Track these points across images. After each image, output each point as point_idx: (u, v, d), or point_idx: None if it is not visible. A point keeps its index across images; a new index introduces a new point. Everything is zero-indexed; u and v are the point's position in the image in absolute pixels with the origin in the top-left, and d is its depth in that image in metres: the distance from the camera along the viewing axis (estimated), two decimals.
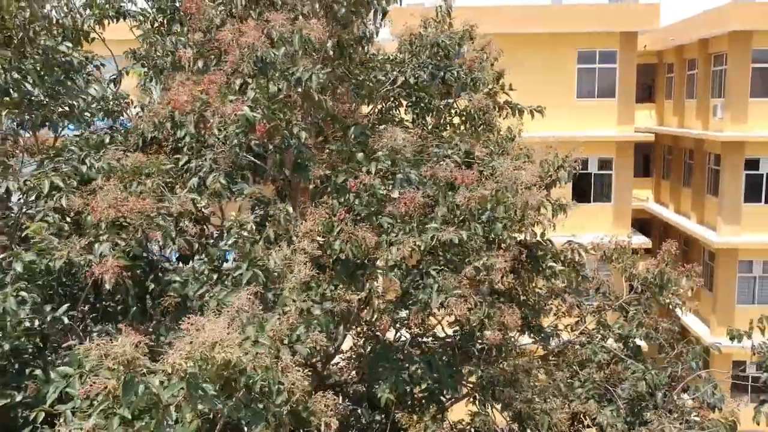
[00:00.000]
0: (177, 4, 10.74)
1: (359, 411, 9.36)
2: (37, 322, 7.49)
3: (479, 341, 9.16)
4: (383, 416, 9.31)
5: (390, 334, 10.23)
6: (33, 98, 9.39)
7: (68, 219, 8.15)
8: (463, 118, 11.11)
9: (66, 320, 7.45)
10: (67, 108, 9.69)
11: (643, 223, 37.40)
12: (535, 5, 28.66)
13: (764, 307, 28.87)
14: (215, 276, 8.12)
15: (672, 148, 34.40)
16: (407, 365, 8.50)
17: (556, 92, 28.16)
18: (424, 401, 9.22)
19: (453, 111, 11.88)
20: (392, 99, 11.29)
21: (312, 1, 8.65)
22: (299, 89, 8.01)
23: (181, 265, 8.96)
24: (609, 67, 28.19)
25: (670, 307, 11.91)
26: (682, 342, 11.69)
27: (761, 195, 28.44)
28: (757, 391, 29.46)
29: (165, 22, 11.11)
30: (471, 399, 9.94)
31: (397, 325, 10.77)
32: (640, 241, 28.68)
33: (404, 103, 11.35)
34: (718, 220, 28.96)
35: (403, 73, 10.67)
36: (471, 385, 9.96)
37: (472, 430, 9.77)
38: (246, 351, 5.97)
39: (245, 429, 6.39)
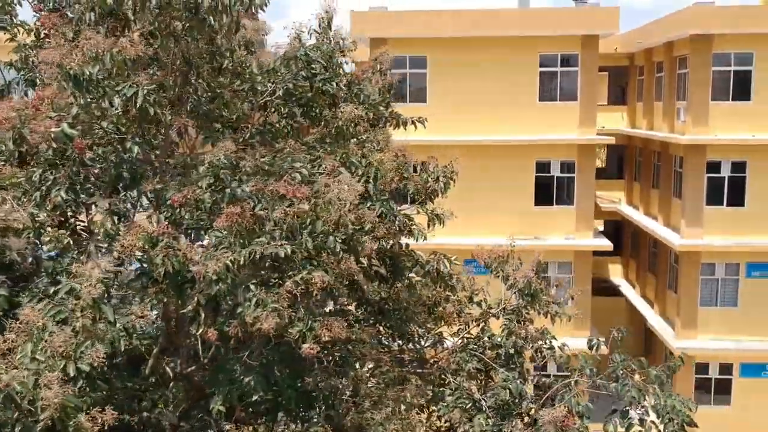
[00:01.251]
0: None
1: (210, 421, 9.40)
2: None
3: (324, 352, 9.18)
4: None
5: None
6: None
7: None
8: (335, 131, 11.09)
9: None
10: None
11: (617, 225, 37.30)
12: (495, 9, 28.59)
13: (727, 309, 28.83)
14: (52, 290, 8.19)
15: (642, 151, 34.24)
16: (241, 377, 8.56)
17: (518, 95, 28.16)
18: (269, 412, 9.29)
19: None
20: (275, 110, 11.30)
21: (159, 19, 8.71)
22: (131, 105, 8.08)
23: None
24: (571, 71, 28.09)
25: (550, 316, 11.81)
26: (552, 351, 11.63)
27: (723, 198, 28.25)
28: (720, 392, 29.35)
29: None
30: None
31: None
32: (602, 243, 28.62)
33: (290, 113, 11.31)
34: (681, 223, 28.81)
35: (275, 83, 10.70)
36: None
37: None
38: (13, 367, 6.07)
39: None
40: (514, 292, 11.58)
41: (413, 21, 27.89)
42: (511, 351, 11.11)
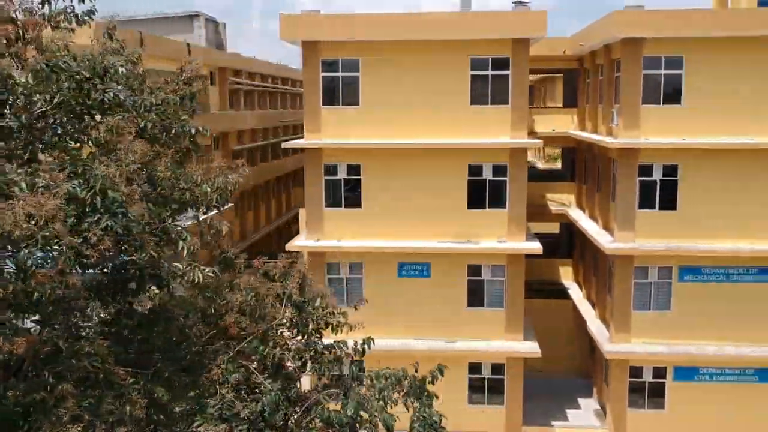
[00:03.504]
0: None
1: None
2: None
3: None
4: None
5: None
6: None
7: None
8: (95, 142, 10.81)
9: None
10: None
11: (570, 227, 36.65)
12: (426, 12, 28.17)
13: (660, 312, 28.16)
14: None
15: (588, 153, 33.59)
16: None
17: (450, 99, 27.72)
18: None
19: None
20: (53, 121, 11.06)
21: None
22: None
23: None
24: (502, 74, 27.56)
25: (332, 326, 11.46)
26: (317, 363, 11.28)
27: (655, 201, 27.59)
28: (654, 396, 28.70)
29: None
30: None
31: None
32: (533, 246, 28.06)
33: (61, 124, 11.06)
34: (614, 226, 28.21)
35: (40, 94, 10.49)
36: None
37: None
38: None
39: None
40: (291, 303, 11.27)
41: (345, 24, 27.56)
42: (277, 361, 10.81)
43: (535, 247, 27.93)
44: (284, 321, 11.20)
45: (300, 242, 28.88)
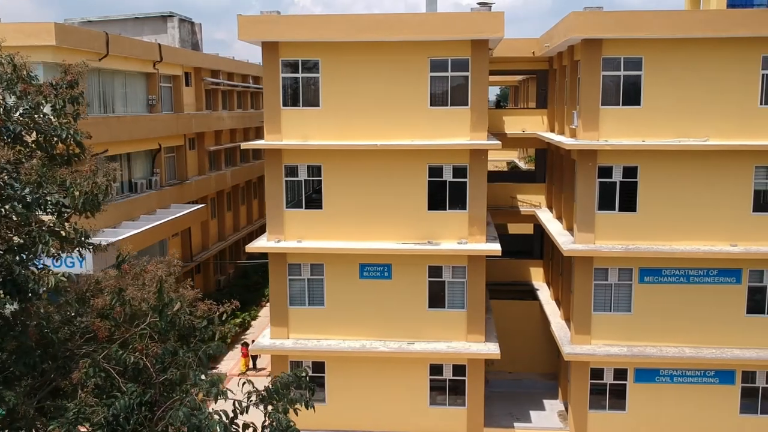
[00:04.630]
0: None
1: None
2: None
3: None
4: None
5: None
6: None
7: None
8: None
9: None
10: None
11: (542, 228, 36.22)
12: (385, 13, 27.83)
13: (620, 314, 27.73)
14: None
15: (555, 155, 33.17)
16: None
17: (409, 100, 27.39)
18: None
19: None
20: None
21: None
22: None
23: None
24: (461, 75, 27.21)
25: (199, 331, 11.19)
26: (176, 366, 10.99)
27: (615, 203, 27.15)
28: (615, 397, 28.28)
29: None
30: None
31: None
32: (494, 248, 27.68)
33: None
34: (574, 228, 27.81)
35: None
36: None
37: None
38: None
39: None
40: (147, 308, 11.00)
41: (305, 25, 27.28)
42: (132, 366, 10.56)
43: (495, 248, 27.54)
44: (147, 326, 10.93)
45: (260, 243, 28.68)
